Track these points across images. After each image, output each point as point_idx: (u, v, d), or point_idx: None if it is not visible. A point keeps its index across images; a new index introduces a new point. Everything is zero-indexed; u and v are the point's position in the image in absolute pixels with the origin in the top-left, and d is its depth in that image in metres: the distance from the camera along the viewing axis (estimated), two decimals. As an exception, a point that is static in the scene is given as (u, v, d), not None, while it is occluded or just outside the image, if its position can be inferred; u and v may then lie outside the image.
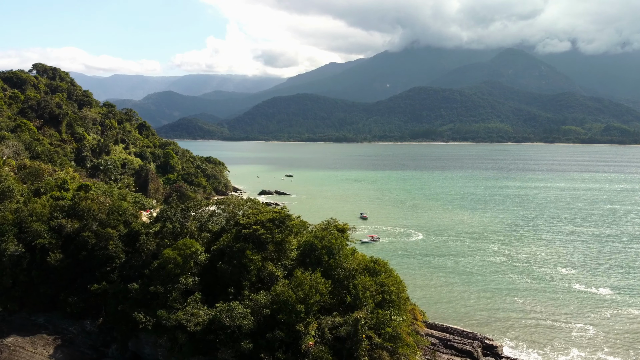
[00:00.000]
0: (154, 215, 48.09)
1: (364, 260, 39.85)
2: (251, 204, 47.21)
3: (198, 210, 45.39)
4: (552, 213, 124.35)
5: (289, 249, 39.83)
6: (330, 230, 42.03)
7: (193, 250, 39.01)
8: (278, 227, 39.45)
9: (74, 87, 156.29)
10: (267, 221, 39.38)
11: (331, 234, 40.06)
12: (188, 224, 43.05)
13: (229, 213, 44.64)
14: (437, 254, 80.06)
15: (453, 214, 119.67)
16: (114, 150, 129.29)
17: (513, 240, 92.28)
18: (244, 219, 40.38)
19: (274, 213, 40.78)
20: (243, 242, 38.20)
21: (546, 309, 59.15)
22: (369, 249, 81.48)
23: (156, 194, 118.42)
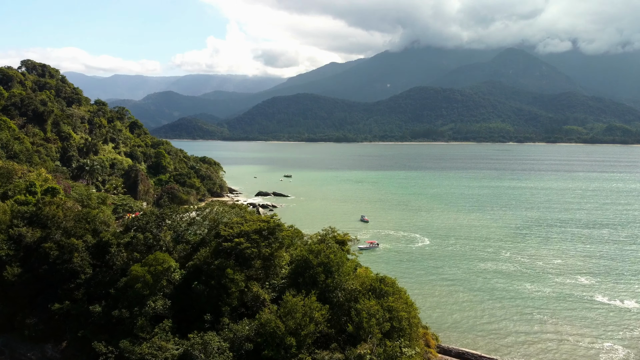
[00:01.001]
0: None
1: (369, 278, 33.55)
2: (237, 211, 41.07)
3: (175, 218, 39.23)
4: (562, 215, 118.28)
5: (279, 265, 33.66)
6: (328, 242, 35.87)
7: (166, 266, 32.99)
8: (266, 239, 33.40)
9: (64, 85, 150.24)
10: (253, 232, 33.32)
11: (329, 247, 33.90)
12: (162, 235, 36.92)
13: (210, 221, 38.56)
14: (445, 262, 73.94)
15: (459, 217, 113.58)
16: (103, 150, 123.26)
17: (524, 246, 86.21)
18: (226, 229, 34.25)
19: (261, 222, 34.64)
20: (223, 258, 32.16)
21: (568, 327, 53.06)
22: (368, 256, 75.32)
23: (146, 196, 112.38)
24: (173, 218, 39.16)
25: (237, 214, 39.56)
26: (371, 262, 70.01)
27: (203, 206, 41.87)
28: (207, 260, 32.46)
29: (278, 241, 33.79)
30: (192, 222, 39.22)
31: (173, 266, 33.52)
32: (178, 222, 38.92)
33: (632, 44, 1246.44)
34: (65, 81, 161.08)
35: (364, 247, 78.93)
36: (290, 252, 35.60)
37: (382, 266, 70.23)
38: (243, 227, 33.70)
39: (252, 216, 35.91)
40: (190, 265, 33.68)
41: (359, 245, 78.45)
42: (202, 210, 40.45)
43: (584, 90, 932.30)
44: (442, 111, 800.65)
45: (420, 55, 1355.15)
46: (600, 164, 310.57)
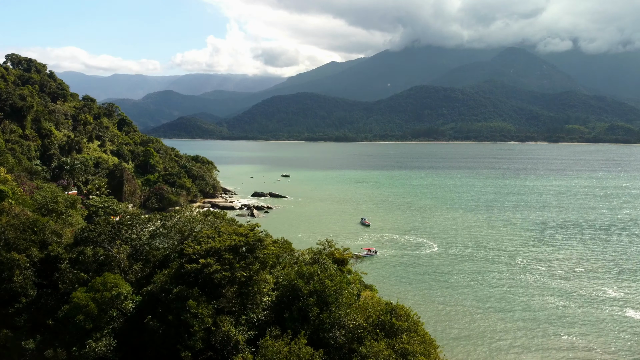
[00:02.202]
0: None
1: (376, 309, 25.94)
2: (211, 220, 33.67)
3: (135, 229, 31.89)
4: (575, 215, 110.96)
5: (260, 292, 26.21)
6: (323, 261, 28.46)
7: (115, 293, 25.72)
8: (243, 258, 26.10)
9: (49, 80, 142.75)
10: (226, 250, 25.99)
11: (324, 268, 26.53)
12: (115, 251, 29.61)
13: (177, 233, 31.24)
14: (457, 271, 66.54)
15: (466, 219, 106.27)
16: (87, 148, 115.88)
17: (540, 251, 78.92)
18: (192, 245, 26.87)
19: (238, 236, 27.18)
20: (185, 284, 24.85)
21: (600, 349, 45.77)
22: (367, 266, 68.06)
23: (132, 197, 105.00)
24: (132, 229, 31.81)
25: (211, 224, 32.19)
26: (372, 273, 62.74)
27: (170, 214, 34.44)
28: (165, 287, 25.16)
29: (259, 261, 26.36)
30: (154, 233, 31.90)
31: (124, 293, 26.21)
32: (137, 234, 31.63)
33: (633, 43, 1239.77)
34: (53, 77, 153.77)
35: (360, 255, 71.68)
36: (275, 274, 28.23)
37: (384, 277, 62.89)
38: (213, 243, 26.32)
39: (229, 227, 28.47)
40: (146, 292, 26.36)
41: (356, 253, 71.38)
42: (167, 219, 33.06)
43: (585, 89, 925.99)
44: (442, 110, 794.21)
45: (420, 55, 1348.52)
46: (606, 163, 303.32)
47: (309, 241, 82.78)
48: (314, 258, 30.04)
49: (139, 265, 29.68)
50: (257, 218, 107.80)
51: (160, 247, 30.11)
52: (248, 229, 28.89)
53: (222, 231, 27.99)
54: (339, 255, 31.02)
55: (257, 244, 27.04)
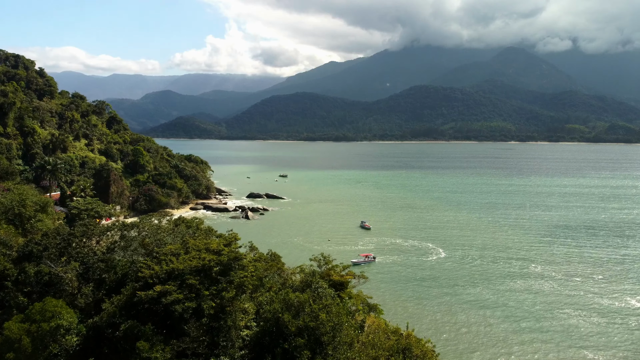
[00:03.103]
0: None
1: (384, 346, 20.15)
2: (182, 230, 28.19)
3: (89, 242, 26.41)
4: (586, 216, 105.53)
5: (236, 326, 20.56)
6: (317, 286, 22.81)
7: (53, 325, 20.31)
8: (214, 283, 20.62)
9: (36, 76, 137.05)
10: (192, 272, 20.48)
11: (318, 296, 21.05)
12: (61, 269, 24.14)
13: (140, 246, 25.76)
14: (467, 281, 61.07)
15: (471, 221, 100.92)
16: (74, 147, 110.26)
17: (553, 256, 73.61)
18: (151, 265, 21.34)
19: (209, 253, 21.62)
20: (137, 319, 19.38)
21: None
22: (368, 274, 62.55)
23: (120, 199, 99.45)
24: (85, 241, 26.30)
25: (182, 236, 26.69)
26: (375, 283, 57.28)
27: (132, 222, 28.92)
28: (113, 321, 19.73)
29: (235, 286, 20.80)
30: (112, 247, 26.38)
31: (66, 324, 20.79)
32: (91, 248, 26.10)
33: (632, 43, 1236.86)
34: (42, 74, 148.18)
35: (358, 262, 66.10)
36: (257, 299, 22.67)
37: (389, 289, 57.39)
38: (176, 263, 20.81)
39: (200, 241, 22.95)
40: (91, 324, 20.86)
41: (352, 259, 65.95)
42: (129, 230, 27.56)
43: (584, 89, 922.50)
44: (442, 110, 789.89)
45: (419, 54, 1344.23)
46: (611, 162, 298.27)
47: (306, 246, 77.50)
48: (305, 281, 24.34)
49: (89, 288, 24.22)
50: (252, 220, 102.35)
51: (118, 265, 24.63)
52: (223, 243, 23.40)
53: (191, 246, 22.58)
54: (337, 277, 25.28)
55: (232, 264, 21.58)
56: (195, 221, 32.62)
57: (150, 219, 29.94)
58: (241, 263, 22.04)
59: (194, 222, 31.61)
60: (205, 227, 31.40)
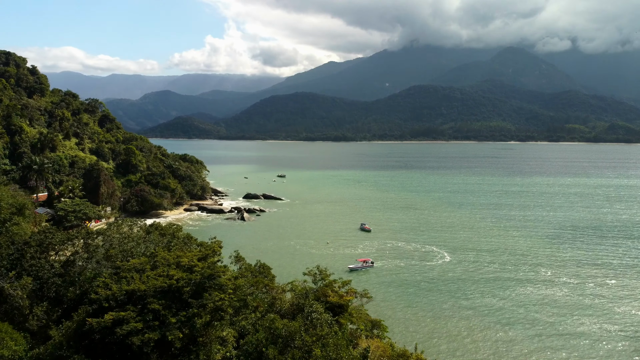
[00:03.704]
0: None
1: None
2: (155, 238, 24.47)
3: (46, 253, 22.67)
4: (593, 217, 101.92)
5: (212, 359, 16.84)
6: (310, 310, 18.99)
7: (-11, 356, 16.68)
8: (184, 307, 16.93)
9: (26, 74, 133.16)
10: (157, 294, 16.72)
11: (312, 324, 17.43)
12: (7, 287, 20.43)
13: (104, 257, 22.11)
14: (476, 289, 57.36)
15: (475, 222, 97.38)
16: (63, 146, 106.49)
17: (563, 259, 70.13)
18: (109, 283, 17.63)
19: (179, 270, 17.77)
20: (86, 352, 15.67)
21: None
22: (364, 280, 59.11)
23: (110, 200, 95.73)
24: (41, 252, 22.56)
25: (155, 244, 23.01)
26: (377, 291, 53.66)
27: (99, 229, 25.27)
28: (58, 353, 15.99)
29: (209, 311, 16.93)
30: (72, 259, 22.64)
31: (8, 355, 17.08)
32: (46, 262, 22.38)
33: (631, 43, 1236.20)
34: (34, 71, 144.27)
35: (355, 267, 62.41)
36: (239, 324, 18.96)
37: (392, 298, 53.72)
38: (136, 282, 16.99)
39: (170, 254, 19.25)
40: (34, 356, 17.06)
41: (349, 265, 62.45)
42: (93, 238, 23.86)
43: (583, 89, 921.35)
44: (441, 110, 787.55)
45: (419, 54, 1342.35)
46: (614, 162, 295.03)
47: (303, 250, 73.91)
48: (297, 304, 20.36)
49: (42, 308, 20.57)
50: (248, 222, 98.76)
51: (77, 280, 20.95)
52: (198, 257, 19.69)
53: (160, 260, 18.95)
54: (335, 297, 21.39)
55: (207, 284, 17.82)
56: (173, 228, 28.84)
57: (120, 226, 26.34)
58: (218, 282, 18.29)
59: (171, 229, 27.83)
60: (183, 235, 27.59)
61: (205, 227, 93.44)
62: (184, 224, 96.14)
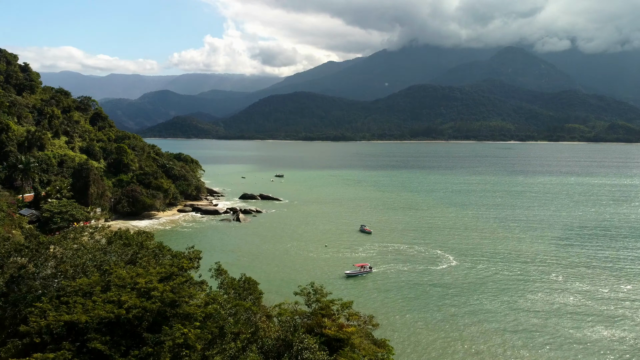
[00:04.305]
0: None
1: None
2: (118, 248, 20.54)
3: None
4: (601, 218, 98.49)
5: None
6: (300, 346, 15.04)
7: None
8: (137, 342, 13.11)
9: (16, 71, 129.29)
10: (101, 327, 12.86)
11: None
12: None
13: (50, 275, 18.39)
14: (487, 297, 53.67)
15: (479, 223, 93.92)
16: (52, 145, 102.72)
17: (574, 263, 66.69)
18: (47, 310, 13.78)
19: (132, 296, 13.65)
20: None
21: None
22: (362, 288, 55.54)
23: (100, 200, 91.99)
24: None
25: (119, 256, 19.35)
26: (379, 299, 50.08)
27: (50, 239, 21.61)
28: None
29: (168, 349, 12.92)
30: (14, 276, 18.91)
31: None
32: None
33: (631, 43, 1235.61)
34: (26, 69, 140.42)
35: (352, 273, 58.81)
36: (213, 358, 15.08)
37: (396, 307, 50.09)
38: (78, 311, 13.04)
39: (126, 270, 15.28)
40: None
41: (346, 270, 58.93)
42: (47, 248, 20.14)
43: (583, 88, 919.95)
44: (441, 110, 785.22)
45: (418, 54, 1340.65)
46: (615, 161, 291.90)
47: (300, 253, 70.34)
48: (283, 339, 16.08)
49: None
50: (243, 223, 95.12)
51: (20, 301, 17.38)
52: (163, 275, 15.94)
53: (114, 279, 15.26)
54: (333, 330, 17.00)
55: (169, 312, 13.96)
56: (142, 236, 24.87)
57: (80, 234, 22.62)
58: (183, 310, 14.48)
59: (139, 237, 23.92)
60: (154, 244, 23.65)
61: (199, 229, 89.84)
62: (177, 226, 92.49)
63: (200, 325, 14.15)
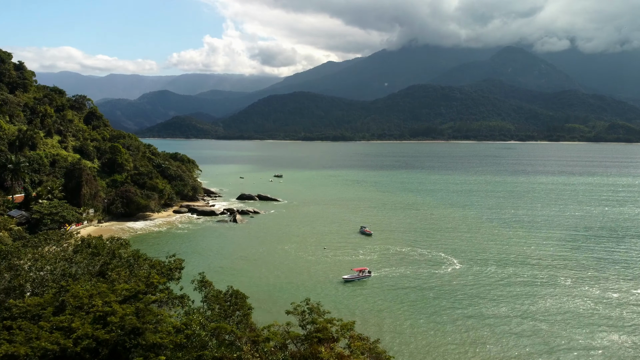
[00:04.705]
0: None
1: None
2: (84, 259, 17.96)
3: None
4: (606, 218, 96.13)
5: None
6: None
7: None
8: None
9: (9, 69, 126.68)
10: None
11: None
12: None
13: (5, 290, 15.96)
14: (491, 299, 51.40)
15: (482, 224, 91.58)
16: (45, 144, 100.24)
17: (582, 267, 64.36)
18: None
19: (87, 322, 11.01)
20: None
21: None
22: (357, 293, 53.14)
23: (93, 201, 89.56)
24: None
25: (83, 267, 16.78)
26: (380, 306, 47.61)
27: (7, 247, 19.27)
28: None
29: None
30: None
31: None
32: None
33: (630, 43, 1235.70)
34: (21, 67, 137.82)
35: (350, 278, 56.12)
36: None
37: (399, 315, 47.62)
38: (17, 341, 10.50)
39: (90, 288, 12.65)
40: None
41: (343, 275, 56.55)
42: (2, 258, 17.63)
43: (582, 88, 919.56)
44: (441, 109, 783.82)
45: (417, 54, 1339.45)
46: (617, 161, 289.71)
47: (298, 256, 67.92)
48: None
49: None
50: (240, 224, 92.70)
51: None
52: (125, 294, 13.39)
53: (69, 299, 12.79)
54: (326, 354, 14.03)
55: (128, 343, 11.37)
56: (115, 243, 22.08)
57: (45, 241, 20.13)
58: (147, 341, 11.75)
59: (112, 245, 21.13)
60: (129, 253, 20.72)
61: (194, 231, 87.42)
62: (172, 227, 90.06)
63: (170, 355, 11.60)
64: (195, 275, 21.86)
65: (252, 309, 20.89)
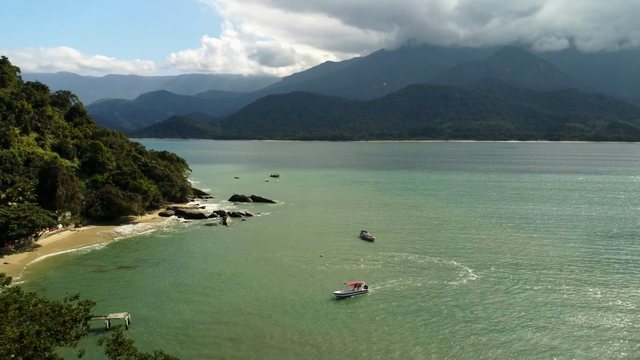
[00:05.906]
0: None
1: None
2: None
3: None
4: (626, 221, 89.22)
5: None
6: None
7: None
8: None
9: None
10: None
11: None
12: None
13: None
14: (517, 317, 44.00)
15: (493, 228, 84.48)
16: (20, 142, 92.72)
17: (608, 278, 57.27)
18: None
19: None
20: None
21: None
22: (353, 313, 46.03)
23: (70, 203, 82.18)
24: None
25: None
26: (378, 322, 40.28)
27: None
28: None
29: None
30: None
31: None
32: None
33: (629, 42, 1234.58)
34: (5, 62, 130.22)
35: (343, 294, 47.80)
36: None
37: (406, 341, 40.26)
38: None
39: None
40: None
41: (335, 291, 48.52)
42: None
43: (582, 87, 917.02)
44: (440, 109, 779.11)
45: (416, 54, 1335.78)
46: (620, 160, 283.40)
47: (291, 265, 60.18)
48: None
49: None
50: (230, 227, 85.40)
51: None
52: None
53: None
54: None
55: None
56: None
57: None
58: None
59: None
60: (11, 288, 13.05)
61: (180, 235, 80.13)
62: (157, 231, 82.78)
63: None
64: (152, 297, 14.89)
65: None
